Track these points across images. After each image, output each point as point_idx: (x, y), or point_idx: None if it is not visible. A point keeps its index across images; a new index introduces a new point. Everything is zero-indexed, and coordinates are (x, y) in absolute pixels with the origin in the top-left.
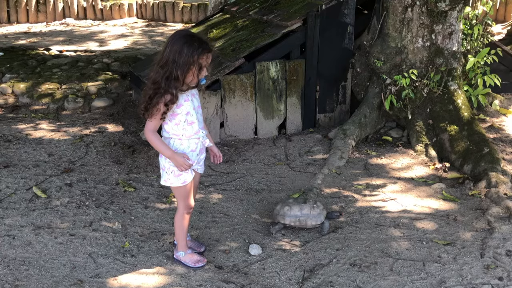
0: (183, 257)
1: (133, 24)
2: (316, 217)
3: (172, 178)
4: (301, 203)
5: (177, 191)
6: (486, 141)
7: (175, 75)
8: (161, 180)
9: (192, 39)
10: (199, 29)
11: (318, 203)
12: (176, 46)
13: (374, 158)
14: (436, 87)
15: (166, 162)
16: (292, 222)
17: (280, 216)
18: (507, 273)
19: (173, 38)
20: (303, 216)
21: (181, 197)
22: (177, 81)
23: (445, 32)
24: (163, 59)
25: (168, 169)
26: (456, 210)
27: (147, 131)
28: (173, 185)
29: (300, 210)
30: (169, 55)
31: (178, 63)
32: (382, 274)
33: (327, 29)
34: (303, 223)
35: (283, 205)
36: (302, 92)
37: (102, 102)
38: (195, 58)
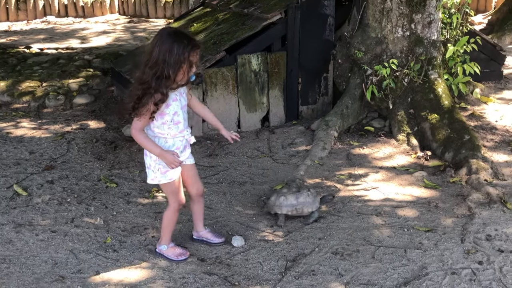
0: (165, 250)
1: (115, 21)
2: (312, 204)
3: (159, 176)
4: (295, 192)
5: (165, 188)
6: (466, 128)
7: (167, 74)
8: (148, 179)
9: (180, 36)
10: (180, 23)
11: (312, 190)
12: (165, 45)
13: (357, 148)
14: (416, 76)
15: (152, 161)
16: (289, 211)
17: (276, 207)
18: (486, 257)
19: (161, 37)
20: (299, 204)
21: (171, 193)
22: (168, 80)
23: (425, 21)
24: (152, 59)
25: (154, 168)
26: (437, 197)
27: (135, 131)
28: (160, 182)
29: (296, 198)
30: (159, 54)
31: (169, 62)
32: (364, 262)
33: (308, 21)
34: (299, 211)
35: (278, 195)
36: (284, 85)
37: (83, 99)
38: (186, 56)
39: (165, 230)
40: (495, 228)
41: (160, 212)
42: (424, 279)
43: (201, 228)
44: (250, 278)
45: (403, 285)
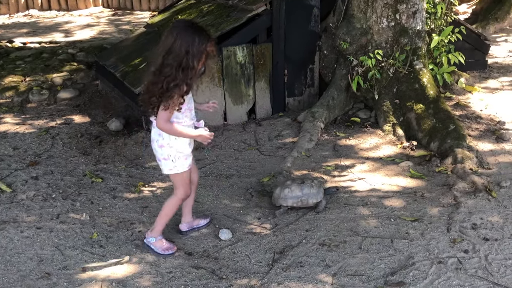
0: (154, 242)
1: (99, 14)
2: (316, 195)
3: (179, 165)
4: (299, 183)
5: (178, 177)
6: (452, 118)
7: (191, 65)
8: (165, 170)
9: (198, 28)
10: (165, 15)
11: (315, 181)
12: (187, 37)
13: (343, 139)
14: (401, 66)
15: (172, 150)
16: (294, 203)
17: (281, 199)
18: (472, 246)
19: (180, 29)
20: (304, 196)
21: (182, 183)
22: (192, 71)
23: (409, 12)
24: (174, 51)
25: (174, 157)
26: (423, 187)
27: (164, 122)
28: (179, 171)
29: (300, 190)
30: (181, 46)
31: (193, 53)
32: (351, 252)
33: (293, 12)
34: (304, 202)
35: (283, 188)
36: (270, 76)
37: (67, 93)
38: (204, 47)
39: (161, 220)
40: (480, 217)
41: (147, 207)
42: (410, 268)
43: (190, 218)
44: (238, 271)
45: (390, 275)
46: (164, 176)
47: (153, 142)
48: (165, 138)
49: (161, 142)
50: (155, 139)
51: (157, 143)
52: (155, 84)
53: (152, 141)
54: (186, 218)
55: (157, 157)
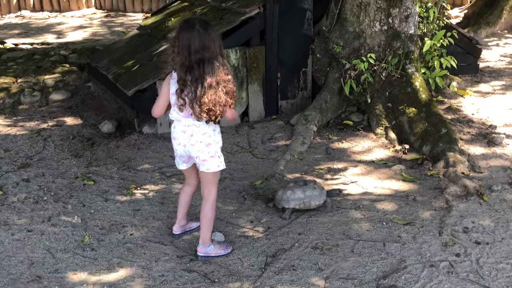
0: (213, 250)
1: (92, 15)
2: (319, 197)
3: (222, 160)
4: (302, 185)
5: (215, 176)
6: (444, 122)
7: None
8: (213, 168)
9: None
10: (158, 17)
11: (318, 183)
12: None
13: (336, 143)
14: (394, 70)
15: (218, 147)
16: (297, 205)
17: (284, 202)
18: (464, 249)
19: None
20: (307, 198)
21: (216, 181)
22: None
23: (402, 16)
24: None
25: (220, 153)
26: (415, 191)
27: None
28: (219, 168)
29: (303, 192)
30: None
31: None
32: (344, 256)
33: (286, 15)
34: (307, 204)
35: (285, 190)
36: (263, 79)
37: (59, 95)
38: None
39: (209, 226)
40: (472, 221)
41: (139, 210)
42: (402, 272)
43: (184, 221)
44: (230, 274)
45: (382, 278)
46: (156, 178)
47: (196, 144)
48: (211, 136)
49: (207, 141)
50: (199, 140)
51: (202, 143)
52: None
53: (192, 144)
54: (181, 221)
55: (202, 158)
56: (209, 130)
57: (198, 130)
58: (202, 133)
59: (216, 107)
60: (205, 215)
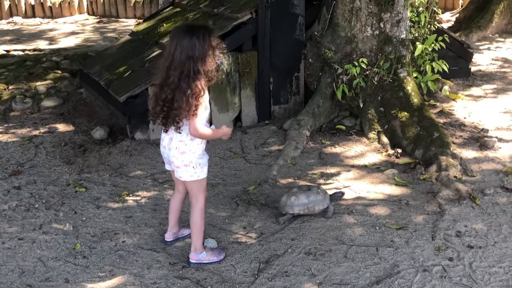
0: (205, 257)
1: (84, 21)
2: (323, 202)
3: (199, 171)
4: (305, 190)
5: (198, 184)
6: (436, 126)
7: (198, 69)
8: (186, 177)
9: (197, 29)
10: (150, 23)
11: (321, 188)
12: (186, 43)
13: (328, 147)
14: (386, 75)
15: (194, 157)
16: (301, 210)
17: (288, 207)
18: (457, 254)
19: (177, 37)
20: (310, 203)
21: (201, 190)
22: (199, 74)
23: (393, 20)
24: (176, 61)
25: (196, 163)
26: (408, 195)
27: (200, 129)
28: (199, 178)
29: (307, 197)
30: (181, 54)
31: (196, 57)
32: (337, 261)
33: (278, 21)
34: (311, 209)
35: (289, 195)
36: (256, 84)
37: (51, 102)
38: (208, 45)
39: (199, 233)
40: (464, 224)
41: (131, 217)
42: (396, 277)
43: (176, 228)
44: (223, 281)
45: (376, 283)
46: (148, 185)
47: (171, 150)
48: (187, 144)
49: (183, 149)
50: (175, 147)
51: (178, 150)
52: (160, 96)
53: (168, 149)
54: (173, 228)
55: (176, 164)
56: (186, 138)
57: (176, 136)
58: (179, 140)
59: (155, 110)
60: (194, 222)
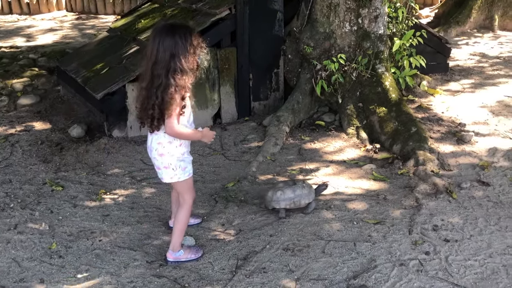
0: (183, 255)
1: (63, 18)
2: (308, 195)
3: (180, 173)
4: (291, 185)
5: (182, 185)
6: (414, 121)
7: (181, 67)
8: (166, 179)
9: (178, 27)
10: (128, 19)
11: (306, 182)
12: (169, 41)
13: (308, 143)
14: (364, 70)
15: (173, 159)
16: (287, 205)
17: (274, 202)
18: (433, 248)
19: (159, 36)
20: (297, 197)
21: (187, 189)
22: (183, 72)
23: (371, 16)
24: (160, 60)
25: (175, 165)
26: (386, 189)
27: (175, 129)
28: (180, 179)
29: (293, 192)
30: (165, 53)
31: (179, 55)
32: (315, 257)
33: (257, 16)
34: (297, 203)
35: (275, 190)
36: (235, 81)
37: (28, 100)
38: (189, 43)
39: (181, 232)
40: (441, 218)
41: (108, 215)
42: (373, 271)
43: None
44: (201, 278)
45: (353, 278)
46: (126, 183)
47: (152, 151)
48: (165, 147)
49: (161, 151)
50: (154, 148)
51: (157, 152)
52: (150, 98)
53: (150, 150)
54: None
55: (157, 166)
56: (163, 140)
57: (155, 137)
58: (157, 142)
59: (143, 113)
60: (179, 220)
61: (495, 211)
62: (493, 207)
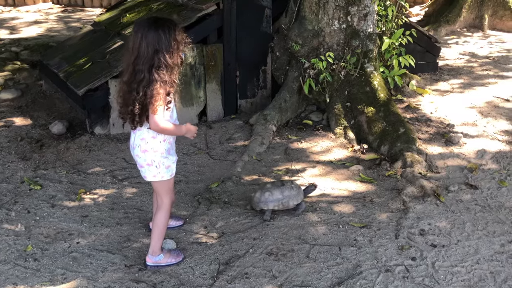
0: (163, 259)
1: (48, 10)
2: (297, 196)
3: (163, 171)
4: (279, 186)
5: (163, 185)
6: (402, 121)
7: (165, 62)
8: (148, 177)
9: (161, 22)
10: (113, 13)
11: (294, 183)
12: (152, 36)
13: (295, 143)
14: (353, 69)
15: (157, 156)
16: (276, 206)
17: (262, 203)
18: (420, 253)
19: (142, 30)
20: (285, 198)
21: (167, 191)
22: (168, 67)
23: (361, 14)
24: (142, 55)
25: (158, 163)
26: (372, 192)
27: (160, 123)
28: (163, 178)
29: (281, 192)
30: (148, 47)
31: (162, 50)
32: (299, 262)
33: (244, 12)
34: (285, 204)
35: (263, 191)
36: (221, 78)
37: (9, 94)
38: (173, 38)
39: (160, 235)
40: (428, 222)
41: (87, 216)
42: (358, 278)
43: None
44: (181, 284)
45: (337, 285)
46: (107, 182)
47: (135, 148)
48: (148, 143)
49: (144, 147)
50: (137, 145)
51: (140, 148)
52: (131, 93)
53: (132, 148)
54: None
55: (139, 164)
56: (147, 135)
57: (138, 133)
58: (140, 138)
59: (124, 108)
60: (156, 223)
61: (482, 215)
62: (481, 211)
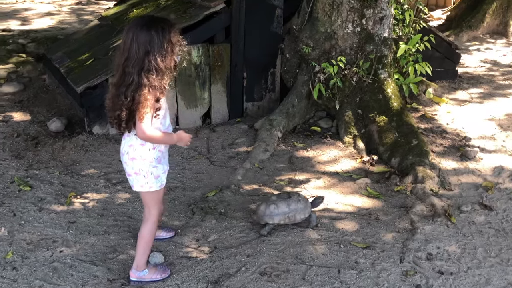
0: (147, 275)
1: (62, 2)
2: (304, 210)
3: (151, 181)
4: (285, 198)
5: (151, 196)
6: (415, 132)
7: (156, 66)
8: (136, 186)
9: (155, 22)
10: (120, 8)
11: (301, 195)
12: (144, 37)
13: (301, 151)
14: (365, 75)
15: (145, 164)
16: (281, 220)
17: (267, 217)
18: (425, 280)
19: (133, 30)
20: (291, 212)
21: (155, 203)
22: (159, 71)
23: (376, 17)
24: (132, 56)
25: (147, 172)
26: (379, 208)
27: (147, 132)
28: (151, 189)
29: (287, 206)
30: (139, 49)
31: (154, 52)
32: (293, 284)
33: (254, 11)
34: (292, 218)
35: (268, 204)
36: (228, 79)
37: (11, 88)
38: (167, 39)
39: (145, 249)
40: (437, 246)
41: (74, 222)
42: None
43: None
44: None
45: None
46: (100, 186)
47: (124, 155)
48: (137, 150)
49: (132, 155)
50: (126, 151)
51: (128, 155)
52: (119, 97)
53: (121, 154)
54: None
55: (127, 172)
56: (135, 142)
57: (127, 139)
58: (129, 145)
59: (111, 113)
60: (142, 236)
61: (496, 240)
62: (495, 236)
